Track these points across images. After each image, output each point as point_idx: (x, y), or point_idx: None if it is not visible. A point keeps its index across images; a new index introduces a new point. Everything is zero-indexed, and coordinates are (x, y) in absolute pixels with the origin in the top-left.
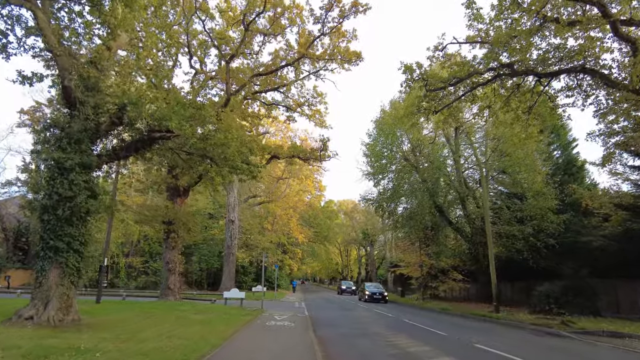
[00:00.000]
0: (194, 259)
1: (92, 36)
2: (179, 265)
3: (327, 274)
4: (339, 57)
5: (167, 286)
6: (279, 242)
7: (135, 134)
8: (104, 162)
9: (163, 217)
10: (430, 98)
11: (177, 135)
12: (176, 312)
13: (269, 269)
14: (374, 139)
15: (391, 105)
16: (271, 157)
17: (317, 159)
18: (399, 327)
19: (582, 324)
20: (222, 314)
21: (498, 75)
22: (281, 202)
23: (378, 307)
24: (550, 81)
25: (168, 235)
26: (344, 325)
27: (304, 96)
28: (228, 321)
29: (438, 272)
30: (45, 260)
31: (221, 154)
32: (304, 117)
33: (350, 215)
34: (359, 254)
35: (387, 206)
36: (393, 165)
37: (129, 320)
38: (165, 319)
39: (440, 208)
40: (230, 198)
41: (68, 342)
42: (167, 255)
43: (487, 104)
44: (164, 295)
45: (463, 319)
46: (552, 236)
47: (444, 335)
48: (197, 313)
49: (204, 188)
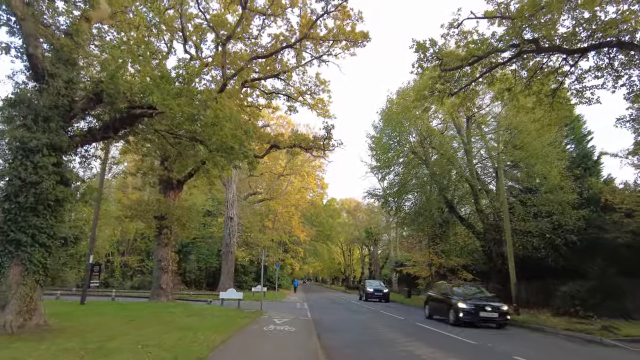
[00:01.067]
0: (191, 258)
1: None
2: (172, 264)
3: (329, 274)
4: (343, 39)
5: (159, 286)
6: (280, 241)
7: (114, 111)
8: (78, 143)
9: (155, 212)
10: (445, 79)
11: (161, 113)
12: (164, 315)
13: (270, 269)
14: (380, 131)
15: (399, 95)
16: (271, 146)
17: (321, 148)
18: (414, 332)
19: (627, 330)
20: (215, 317)
21: (520, 53)
22: (282, 200)
23: (385, 309)
24: (578, 60)
25: (160, 232)
26: (351, 330)
27: (305, 84)
28: (221, 326)
29: (447, 272)
30: (5, 255)
31: (213, 136)
32: (305, 106)
33: (353, 214)
34: (361, 253)
35: (394, 201)
36: (400, 158)
37: (107, 325)
38: (149, 323)
39: (450, 203)
40: (228, 194)
41: (14, 355)
42: (160, 253)
43: (507, 86)
44: (155, 296)
45: None
46: (571, 232)
47: (472, 343)
48: (188, 316)
49: (200, 183)
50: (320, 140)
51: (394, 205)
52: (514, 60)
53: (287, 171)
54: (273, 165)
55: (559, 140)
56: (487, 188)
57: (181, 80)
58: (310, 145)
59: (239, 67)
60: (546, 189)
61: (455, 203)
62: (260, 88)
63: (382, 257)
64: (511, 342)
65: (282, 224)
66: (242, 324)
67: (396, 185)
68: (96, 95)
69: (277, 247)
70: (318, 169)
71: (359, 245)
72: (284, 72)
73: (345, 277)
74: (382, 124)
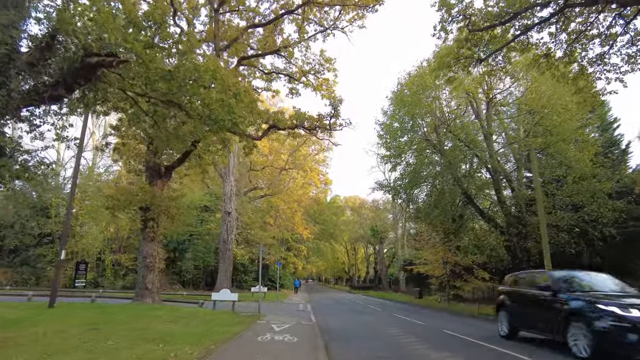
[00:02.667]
0: (187, 256)
1: None
2: (159, 261)
3: (332, 274)
4: (351, 3)
5: (144, 286)
6: (282, 239)
7: (64, 61)
8: (18, 105)
9: (139, 202)
10: (472, 43)
11: (124, 62)
12: (141, 320)
13: (271, 268)
14: (390, 117)
15: (410, 78)
16: (270, 126)
17: (327, 128)
18: (449, 344)
19: None
20: (202, 323)
21: (564, 7)
22: (284, 196)
23: (396, 310)
24: (633, 18)
25: (145, 225)
26: (365, 338)
27: (309, 62)
28: (204, 335)
29: (462, 270)
30: None
31: (194, 98)
32: (309, 88)
33: (358, 211)
34: (366, 252)
35: (405, 193)
36: (414, 145)
37: (59, 335)
38: (115, 332)
39: (467, 195)
40: (226, 187)
41: None
42: (145, 249)
43: (546, 51)
44: (139, 297)
45: None
46: (608, 225)
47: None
48: (169, 321)
49: (193, 172)
50: (325, 118)
51: (406, 198)
52: (553, 21)
53: (289, 165)
54: (275, 160)
55: (590, 123)
56: (509, 177)
57: (154, 28)
58: (314, 125)
59: (234, 35)
60: (575, 177)
61: (473, 195)
62: (259, 67)
63: (389, 256)
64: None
65: (284, 220)
66: (232, 332)
67: (408, 176)
68: (47, 45)
69: (279, 245)
70: (322, 163)
71: (364, 243)
72: (285, 47)
73: (350, 276)
74: (393, 108)
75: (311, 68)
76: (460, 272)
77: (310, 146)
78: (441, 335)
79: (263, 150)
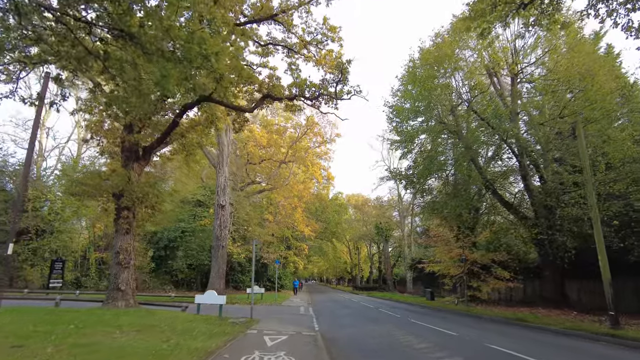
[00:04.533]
0: (179, 254)
1: None
2: (136, 257)
3: (334, 274)
4: None
5: (116, 286)
6: (283, 237)
7: None
8: None
9: (111, 188)
10: None
11: None
12: (93, 332)
13: (271, 267)
14: (402, 94)
15: (422, 52)
16: (264, 96)
17: (332, 97)
18: None
19: None
20: (173, 334)
21: None
22: (284, 191)
23: (415, 316)
24: None
25: (119, 214)
26: (388, 358)
27: (310, 31)
28: (165, 354)
29: (479, 269)
30: None
31: (150, 26)
32: (310, 63)
33: (361, 209)
34: (369, 251)
35: (418, 181)
36: (428, 129)
37: None
38: (43, 351)
39: (489, 183)
40: (220, 178)
41: None
42: (118, 243)
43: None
44: (111, 300)
45: (573, 340)
46: None
47: None
48: (134, 331)
49: (182, 159)
50: (331, 84)
51: (419, 188)
52: None
53: (289, 158)
54: (274, 153)
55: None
56: (536, 162)
57: None
58: (317, 94)
59: None
60: (615, 161)
61: (494, 184)
62: (253, 38)
63: (394, 255)
64: None
65: (284, 217)
66: (205, 350)
67: (421, 164)
68: None
69: (278, 243)
70: (323, 156)
71: (368, 242)
72: (283, 12)
73: (352, 277)
74: (404, 88)
75: (313, 39)
76: (477, 272)
77: (312, 138)
78: (491, 355)
79: (261, 142)
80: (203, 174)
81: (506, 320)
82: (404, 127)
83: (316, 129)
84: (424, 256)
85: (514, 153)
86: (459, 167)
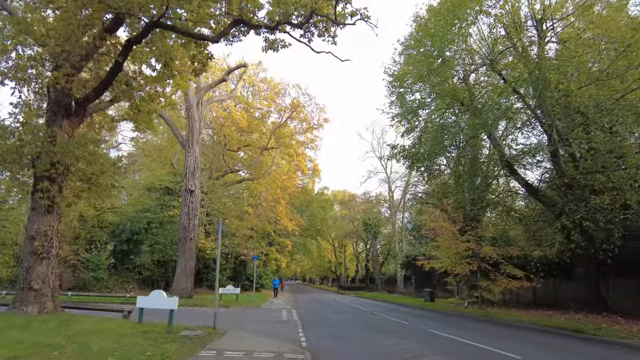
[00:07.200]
0: (144, 249)
1: None
2: (59, 244)
3: (318, 273)
4: None
5: (27, 285)
6: (264, 232)
7: None
8: None
9: (27, 152)
10: None
11: None
12: None
13: (250, 265)
14: (406, 57)
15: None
16: (234, 21)
17: (330, 19)
18: None
19: None
20: None
21: None
22: (267, 181)
23: (423, 321)
24: None
25: (36, 186)
26: None
27: None
28: None
29: (488, 267)
30: None
31: None
32: None
33: (348, 205)
34: (356, 249)
35: (426, 159)
36: (437, 98)
37: None
38: None
39: (508, 163)
40: (189, 159)
41: None
42: (34, 225)
43: None
44: (19, 303)
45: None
46: None
47: None
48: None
49: (127, 115)
50: (328, 3)
51: (426, 168)
52: None
53: (271, 144)
54: (257, 139)
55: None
56: (564, 137)
57: None
58: (309, 16)
59: None
60: None
61: (514, 162)
62: None
63: (382, 252)
64: None
65: (266, 210)
66: None
67: (429, 142)
68: None
69: (259, 239)
70: (310, 144)
71: (354, 240)
72: None
73: (337, 276)
74: (416, 44)
75: None
76: (486, 269)
77: (298, 125)
78: None
79: (241, 124)
80: (174, 159)
81: (550, 329)
82: (408, 98)
83: (302, 113)
84: (418, 253)
85: (542, 125)
86: (472, 143)
